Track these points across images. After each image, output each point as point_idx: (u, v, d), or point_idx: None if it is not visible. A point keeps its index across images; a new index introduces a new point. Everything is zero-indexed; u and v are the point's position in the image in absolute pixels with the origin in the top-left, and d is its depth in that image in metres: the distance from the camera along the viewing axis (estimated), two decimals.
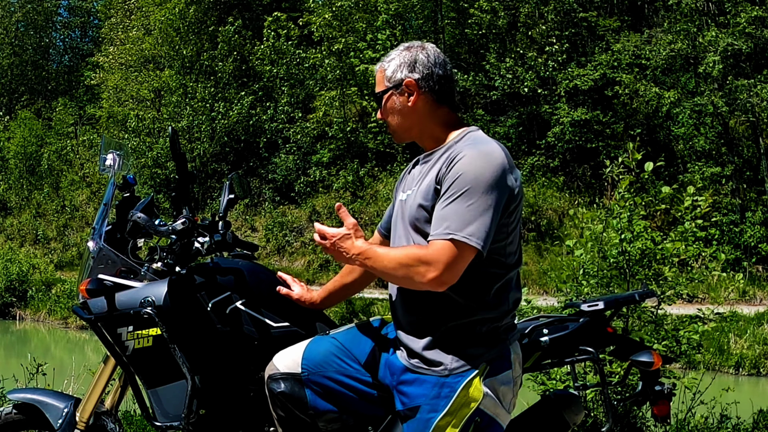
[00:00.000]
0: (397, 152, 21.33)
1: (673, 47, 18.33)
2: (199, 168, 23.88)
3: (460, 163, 2.21)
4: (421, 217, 2.29)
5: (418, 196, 2.32)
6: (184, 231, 2.77)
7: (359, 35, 21.97)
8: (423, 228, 2.29)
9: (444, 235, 2.16)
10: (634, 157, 5.16)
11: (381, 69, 2.43)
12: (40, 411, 3.02)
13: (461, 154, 2.23)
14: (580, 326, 2.62)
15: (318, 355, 2.47)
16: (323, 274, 20.42)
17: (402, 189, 2.49)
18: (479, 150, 2.24)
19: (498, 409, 2.26)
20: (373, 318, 2.63)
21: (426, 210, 2.28)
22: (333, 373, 2.44)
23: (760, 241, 16.74)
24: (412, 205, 2.34)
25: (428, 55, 2.38)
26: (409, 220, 2.34)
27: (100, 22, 33.22)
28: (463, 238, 2.15)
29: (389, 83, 2.39)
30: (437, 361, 2.25)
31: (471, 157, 2.21)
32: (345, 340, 2.51)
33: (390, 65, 2.40)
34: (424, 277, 2.17)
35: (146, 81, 25.02)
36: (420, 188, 2.33)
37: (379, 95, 2.42)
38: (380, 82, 2.42)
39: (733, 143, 18.26)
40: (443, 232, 2.17)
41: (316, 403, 2.43)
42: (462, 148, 2.27)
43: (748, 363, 12.28)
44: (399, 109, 2.39)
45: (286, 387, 2.44)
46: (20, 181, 28.49)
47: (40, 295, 20.05)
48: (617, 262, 5.00)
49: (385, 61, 2.44)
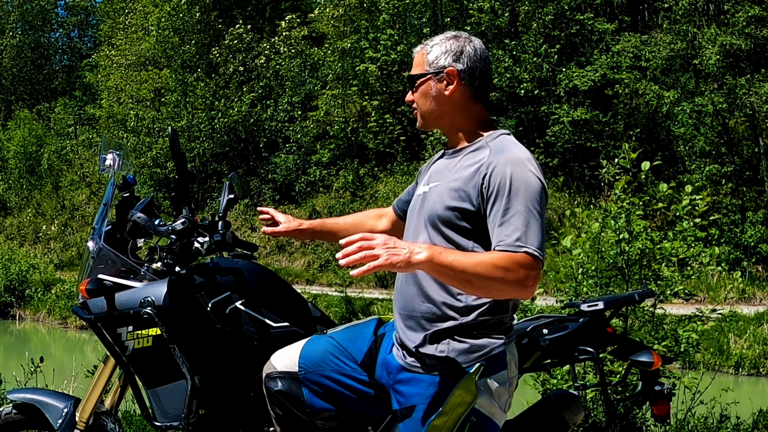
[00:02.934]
0: (397, 152, 21.32)
1: (672, 47, 18.32)
2: (199, 168, 23.89)
3: (508, 172, 2.19)
4: (448, 218, 2.25)
5: (447, 196, 2.27)
6: (184, 231, 2.77)
7: (361, 35, 21.98)
8: (443, 229, 2.26)
9: (516, 248, 2.12)
10: (630, 157, 5.16)
11: (422, 52, 2.39)
12: (40, 411, 3.02)
13: (507, 161, 2.21)
14: (580, 326, 2.62)
15: (315, 354, 2.48)
16: (323, 274, 20.41)
17: (424, 181, 2.45)
18: (519, 157, 2.23)
19: (493, 409, 2.25)
20: (371, 317, 2.63)
21: (457, 212, 2.24)
22: (330, 372, 2.45)
23: (760, 241, 16.72)
24: (436, 202, 2.29)
25: (475, 48, 2.37)
26: (429, 218, 2.30)
27: (100, 21, 33.22)
28: (535, 251, 2.13)
29: (429, 68, 2.36)
30: (433, 360, 2.25)
31: (516, 166, 2.21)
32: (342, 339, 2.51)
33: (433, 50, 2.37)
34: (527, 281, 2.10)
35: (146, 81, 25.02)
36: (450, 187, 2.28)
37: (415, 77, 2.38)
38: (419, 65, 2.39)
39: (733, 143, 18.26)
40: (513, 243, 2.12)
41: (313, 402, 2.44)
42: (502, 153, 2.25)
43: (748, 363, 12.27)
44: (434, 96, 2.36)
45: (283, 386, 2.45)
46: (20, 181, 28.50)
47: (39, 295, 20.05)
48: (616, 263, 5.00)
49: (427, 44, 2.40)
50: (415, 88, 2.39)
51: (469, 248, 2.24)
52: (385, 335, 2.49)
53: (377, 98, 21.60)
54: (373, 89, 21.68)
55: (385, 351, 2.43)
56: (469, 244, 2.24)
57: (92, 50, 33.28)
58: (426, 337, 2.27)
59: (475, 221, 2.24)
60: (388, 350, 2.41)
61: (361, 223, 2.80)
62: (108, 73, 26.78)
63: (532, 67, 19.44)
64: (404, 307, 2.34)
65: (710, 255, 4.99)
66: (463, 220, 2.24)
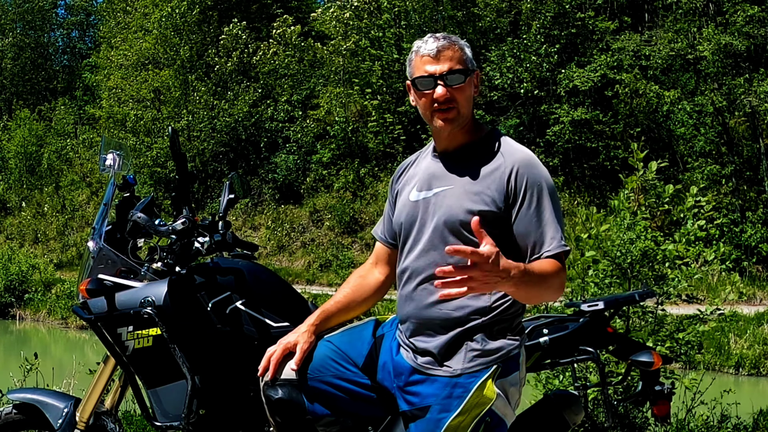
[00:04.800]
0: (397, 152, 21.31)
1: (672, 47, 18.32)
2: (199, 168, 23.89)
3: (532, 171, 2.25)
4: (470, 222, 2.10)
5: (467, 199, 2.24)
6: (184, 231, 2.77)
7: (363, 34, 21.99)
8: (465, 233, 2.21)
9: (560, 248, 2.22)
10: (638, 157, 5.14)
11: (457, 48, 2.30)
12: (40, 411, 3.02)
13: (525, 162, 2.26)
14: (580, 326, 2.62)
15: (314, 360, 2.44)
16: (323, 274, 20.42)
17: (415, 188, 2.38)
18: (531, 156, 2.30)
19: (507, 409, 2.26)
20: (368, 319, 2.59)
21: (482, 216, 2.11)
22: (330, 378, 2.41)
23: (761, 241, 16.73)
24: (453, 206, 2.25)
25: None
26: (447, 222, 2.26)
27: (100, 21, 33.23)
28: (567, 246, 2.26)
29: (471, 66, 2.31)
30: (451, 362, 2.24)
31: (534, 164, 2.27)
32: (341, 343, 2.47)
33: (466, 50, 2.32)
34: (563, 285, 2.24)
35: (146, 81, 25.03)
36: (469, 191, 2.25)
37: (467, 71, 2.29)
38: (459, 61, 2.28)
39: (733, 143, 18.26)
40: (559, 245, 2.22)
41: (314, 409, 2.40)
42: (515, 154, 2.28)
43: (748, 363, 12.27)
44: (469, 95, 2.32)
45: (283, 393, 2.41)
46: (20, 181, 28.51)
47: (39, 296, 20.04)
48: (619, 264, 4.99)
49: (456, 42, 2.31)
50: (458, 86, 2.28)
51: None
52: (384, 336, 2.47)
53: (378, 98, 21.60)
54: (374, 89, 21.69)
55: (387, 353, 2.41)
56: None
57: (92, 50, 33.29)
58: (443, 340, 2.25)
59: (501, 224, 2.23)
60: (394, 352, 2.38)
61: (360, 287, 2.59)
62: (108, 74, 26.80)
63: (533, 66, 19.44)
64: (417, 312, 2.31)
65: (714, 252, 4.96)
66: (489, 224, 2.14)
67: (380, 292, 2.60)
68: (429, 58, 2.28)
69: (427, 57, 2.28)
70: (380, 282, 2.58)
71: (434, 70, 2.26)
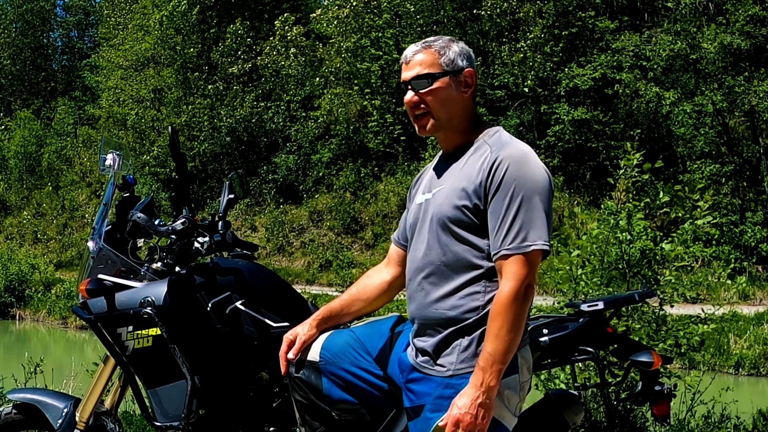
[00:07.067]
0: (398, 152, 21.31)
1: (673, 47, 18.32)
2: (199, 168, 23.88)
3: (512, 168, 2.18)
4: (457, 217, 2.24)
5: (453, 195, 2.26)
6: (184, 231, 2.77)
7: (363, 33, 21.98)
8: (455, 229, 2.24)
9: (524, 249, 2.16)
10: (632, 157, 5.14)
11: (432, 51, 2.30)
12: (39, 411, 3.02)
13: (508, 157, 2.20)
14: (580, 326, 2.62)
15: (336, 346, 2.52)
16: (323, 274, 20.42)
17: (421, 191, 2.43)
18: (522, 151, 2.23)
19: (503, 411, 2.24)
20: (391, 314, 2.66)
21: (466, 211, 2.23)
22: (348, 365, 2.49)
23: (761, 241, 16.73)
24: (443, 204, 2.28)
25: (470, 51, 2.38)
26: (437, 220, 2.28)
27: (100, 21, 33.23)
28: (542, 245, 2.18)
29: (447, 67, 2.29)
30: (443, 360, 2.25)
31: (520, 161, 2.20)
32: (362, 334, 2.55)
33: (446, 51, 2.30)
34: (529, 295, 2.20)
35: (146, 80, 25.02)
36: (454, 187, 2.27)
37: (435, 75, 2.28)
38: (431, 64, 2.29)
39: (732, 143, 18.25)
40: (521, 245, 2.16)
41: (331, 392, 2.48)
42: (504, 148, 2.23)
43: (748, 363, 12.26)
44: (452, 97, 2.30)
45: (304, 373, 2.50)
46: (20, 180, 28.51)
47: (39, 295, 20.04)
48: (618, 264, 4.99)
49: (433, 44, 2.31)
50: (426, 89, 2.29)
51: (483, 246, 2.23)
52: (401, 333, 2.51)
53: (378, 98, 21.60)
54: (374, 89, 21.68)
55: (399, 349, 2.45)
56: (483, 243, 2.23)
57: (92, 50, 33.29)
58: (438, 339, 2.27)
59: (484, 218, 2.23)
60: (403, 348, 2.43)
61: (365, 287, 2.65)
62: (108, 74, 26.79)
63: (537, 65, 19.44)
64: (417, 311, 2.34)
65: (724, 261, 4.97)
66: (474, 218, 2.22)
67: (389, 292, 2.65)
68: (404, 65, 2.36)
69: (403, 64, 2.37)
70: (387, 282, 2.63)
71: (405, 77, 2.34)
